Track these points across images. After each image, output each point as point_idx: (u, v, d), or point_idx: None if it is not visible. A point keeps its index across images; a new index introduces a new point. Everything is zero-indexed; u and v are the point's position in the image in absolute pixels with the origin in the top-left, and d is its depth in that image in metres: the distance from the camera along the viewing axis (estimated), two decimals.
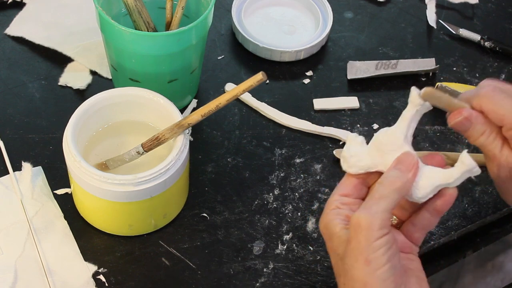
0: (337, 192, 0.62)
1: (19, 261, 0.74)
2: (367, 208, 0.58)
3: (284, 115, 0.88)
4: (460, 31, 0.98)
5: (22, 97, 0.87)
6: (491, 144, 0.62)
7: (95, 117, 0.76)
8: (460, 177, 0.61)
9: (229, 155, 0.84)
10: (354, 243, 0.57)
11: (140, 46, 0.77)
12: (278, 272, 0.76)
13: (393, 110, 0.90)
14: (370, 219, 0.57)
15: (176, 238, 0.77)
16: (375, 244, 0.57)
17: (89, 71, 0.90)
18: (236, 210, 0.80)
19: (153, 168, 0.70)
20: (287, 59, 0.93)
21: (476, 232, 0.83)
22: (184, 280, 0.74)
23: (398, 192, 0.60)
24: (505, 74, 0.95)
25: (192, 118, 0.70)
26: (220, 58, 0.94)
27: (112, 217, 0.75)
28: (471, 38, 0.97)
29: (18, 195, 0.78)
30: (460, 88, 0.89)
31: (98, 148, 0.77)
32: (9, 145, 0.82)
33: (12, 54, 0.91)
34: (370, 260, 0.57)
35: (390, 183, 0.60)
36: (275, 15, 0.98)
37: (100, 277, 0.74)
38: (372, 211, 0.58)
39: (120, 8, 0.84)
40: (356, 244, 0.57)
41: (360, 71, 0.92)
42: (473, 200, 0.83)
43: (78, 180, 0.71)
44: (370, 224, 0.57)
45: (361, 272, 0.57)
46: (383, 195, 0.59)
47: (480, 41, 0.97)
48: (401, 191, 0.60)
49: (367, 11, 1.01)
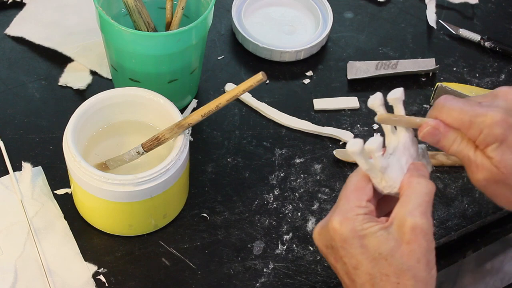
0: (363, 198, 0.63)
1: (19, 261, 0.74)
2: (424, 213, 0.60)
3: (284, 115, 0.88)
4: (460, 31, 0.98)
5: (22, 97, 0.87)
6: (464, 149, 0.63)
7: (95, 117, 0.76)
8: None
9: (229, 155, 0.84)
10: (415, 245, 0.59)
11: (140, 46, 0.77)
12: (278, 272, 0.76)
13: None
14: (428, 225, 0.60)
15: (176, 238, 0.77)
16: (431, 248, 0.60)
17: (89, 71, 0.90)
18: (236, 210, 0.80)
19: (153, 168, 0.70)
20: (287, 59, 0.93)
21: (476, 232, 0.83)
22: (184, 280, 0.74)
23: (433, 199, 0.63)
24: (505, 74, 0.95)
25: (192, 118, 0.70)
26: (220, 58, 0.94)
27: (112, 217, 0.75)
28: (471, 38, 0.97)
29: (18, 195, 0.78)
30: (460, 88, 0.89)
31: (98, 148, 0.77)
32: (9, 145, 0.82)
33: (12, 54, 0.91)
34: (429, 261, 0.60)
35: (433, 187, 0.62)
36: (275, 15, 0.98)
37: (100, 277, 0.74)
38: (428, 216, 0.60)
39: (120, 8, 0.84)
40: (418, 247, 0.59)
41: (360, 71, 0.92)
42: (473, 200, 0.83)
43: (78, 180, 0.71)
44: (429, 229, 0.60)
45: (424, 272, 0.60)
46: (431, 199, 0.62)
47: (480, 41, 0.97)
48: None
49: (367, 11, 1.01)
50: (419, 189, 0.62)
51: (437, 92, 0.89)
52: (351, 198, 0.63)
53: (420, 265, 0.59)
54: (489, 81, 0.94)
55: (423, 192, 0.61)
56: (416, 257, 0.59)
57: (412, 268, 0.59)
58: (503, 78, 0.95)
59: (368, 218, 0.62)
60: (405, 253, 0.60)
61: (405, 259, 0.60)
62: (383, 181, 0.63)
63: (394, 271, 0.60)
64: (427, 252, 0.60)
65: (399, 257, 0.60)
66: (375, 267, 0.61)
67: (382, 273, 0.60)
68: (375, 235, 0.60)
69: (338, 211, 0.63)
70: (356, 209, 0.62)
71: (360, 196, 0.63)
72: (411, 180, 0.62)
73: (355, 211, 0.62)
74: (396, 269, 0.60)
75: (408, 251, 0.59)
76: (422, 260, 0.59)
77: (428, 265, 0.60)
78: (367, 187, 0.64)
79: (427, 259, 0.60)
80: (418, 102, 0.91)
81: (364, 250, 0.61)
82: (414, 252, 0.59)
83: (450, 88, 0.88)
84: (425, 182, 0.62)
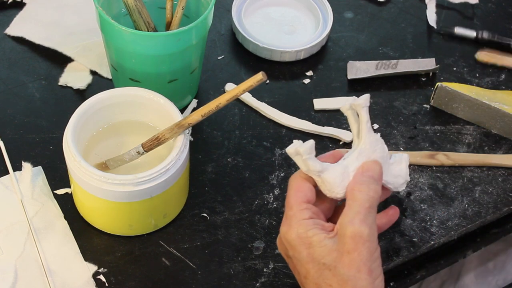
0: (301, 200, 0.63)
1: (19, 261, 0.74)
2: (363, 220, 0.59)
3: (284, 115, 0.88)
4: (455, 29, 0.97)
5: (22, 97, 0.87)
6: None
7: (95, 117, 0.76)
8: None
9: (229, 155, 0.84)
10: (355, 254, 0.59)
11: (140, 46, 0.77)
12: (278, 272, 0.76)
13: (393, 110, 0.90)
14: (369, 231, 0.59)
15: (176, 238, 0.77)
16: (375, 255, 0.59)
17: (89, 71, 0.90)
18: (236, 210, 0.80)
19: (153, 168, 0.70)
20: (287, 59, 0.93)
21: (476, 232, 0.83)
22: (184, 280, 0.74)
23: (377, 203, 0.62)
24: (505, 74, 0.95)
25: (192, 118, 0.70)
26: (220, 58, 0.94)
27: (112, 217, 0.75)
28: (467, 35, 0.97)
29: (18, 195, 0.78)
30: (460, 88, 0.89)
31: (98, 148, 0.77)
32: (9, 145, 0.82)
33: (12, 54, 0.91)
34: (372, 270, 0.59)
35: (375, 193, 0.61)
36: (275, 15, 0.98)
37: (100, 277, 0.74)
38: (369, 223, 0.59)
39: (120, 8, 0.84)
40: (358, 255, 0.58)
41: (360, 71, 0.92)
42: (473, 200, 0.83)
43: (78, 180, 0.71)
44: (370, 236, 0.59)
45: (364, 282, 0.59)
46: (372, 205, 0.61)
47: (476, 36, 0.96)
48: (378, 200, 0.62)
49: (367, 11, 1.01)
50: (360, 196, 0.61)
51: (437, 92, 0.89)
52: (292, 203, 0.63)
53: (361, 275, 0.58)
54: (489, 81, 0.94)
55: (364, 199, 0.61)
56: (356, 266, 0.59)
57: (352, 278, 0.59)
58: (503, 78, 0.95)
59: (313, 224, 0.61)
60: (346, 263, 0.59)
61: (346, 269, 0.59)
62: (323, 184, 0.63)
63: (337, 282, 0.59)
64: (368, 260, 0.59)
65: (341, 267, 0.59)
66: (320, 277, 0.60)
67: (326, 284, 0.60)
68: (320, 244, 0.60)
69: (284, 219, 0.63)
70: (299, 215, 0.61)
71: (300, 199, 0.62)
72: (354, 188, 0.62)
73: (298, 217, 0.61)
74: (339, 279, 0.59)
75: (349, 261, 0.59)
76: (362, 269, 0.58)
77: (371, 274, 0.59)
78: (305, 188, 0.63)
79: (368, 268, 0.59)
80: (418, 102, 0.91)
81: (310, 259, 0.61)
82: (355, 261, 0.59)
83: (450, 88, 0.88)
84: (366, 189, 0.61)
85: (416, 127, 0.89)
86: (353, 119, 0.65)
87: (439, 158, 0.85)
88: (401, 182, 0.68)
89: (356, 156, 0.64)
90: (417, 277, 0.80)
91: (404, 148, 0.87)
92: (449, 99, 0.89)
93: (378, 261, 0.60)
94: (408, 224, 0.80)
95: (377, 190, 0.62)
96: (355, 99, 0.65)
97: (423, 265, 0.81)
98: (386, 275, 0.79)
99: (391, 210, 0.69)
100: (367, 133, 0.65)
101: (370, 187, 0.62)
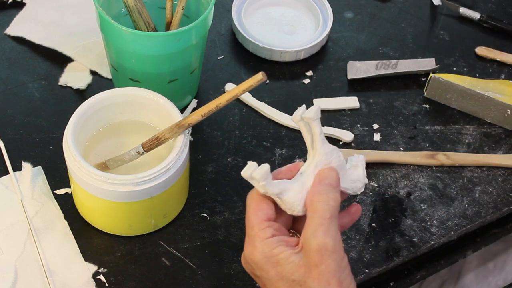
0: (261, 218, 0.62)
1: (19, 261, 0.74)
2: (327, 232, 0.59)
3: (284, 115, 0.88)
4: (460, 9, 0.98)
5: (22, 97, 0.87)
6: None
7: (95, 117, 0.76)
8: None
9: (229, 155, 0.84)
10: (323, 267, 0.58)
11: (140, 46, 0.77)
12: None
13: (393, 110, 0.90)
14: (334, 242, 0.58)
15: (176, 238, 0.77)
16: (343, 265, 0.59)
17: (89, 71, 0.90)
18: (236, 210, 0.80)
19: (153, 168, 0.70)
20: (287, 59, 0.93)
21: (476, 232, 0.83)
22: (184, 280, 0.74)
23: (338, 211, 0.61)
24: (505, 75, 0.95)
25: (192, 118, 0.70)
26: (220, 58, 0.94)
27: (112, 217, 0.75)
28: (471, 17, 0.98)
29: (18, 195, 0.78)
30: (453, 78, 0.89)
31: (98, 148, 0.77)
32: (9, 145, 0.82)
33: (12, 54, 0.91)
34: (342, 281, 0.58)
35: (335, 202, 0.61)
36: (275, 15, 0.98)
37: (100, 277, 0.74)
38: (333, 233, 0.59)
39: (120, 8, 0.84)
40: (326, 268, 0.58)
41: (360, 71, 0.92)
42: (473, 200, 0.83)
43: (78, 180, 0.71)
44: (335, 247, 0.58)
45: None
46: (334, 215, 0.60)
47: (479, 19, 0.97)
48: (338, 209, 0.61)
49: (367, 11, 1.01)
50: (320, 207, 0.60)
51: (430, 83, 0.89)
52: (253, 222, 0.61)
53: (332, 287, 0.58)
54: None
55: (324, 210, 0.60)
56: (325, 279, 0.58)
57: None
58: (503, 78, 0.95)
59: (277, 242, 0.60)
60: (316, 277, 0.58)
61: (316, 283, 0.58)
62: (282, 204, 0.62)
63: None
64: (337, 272, 0.58)
65: (311, 282, 0.58)
66: None
67: None
68: (287, 261, 0.59)
69: (247, 239, 0.62)
70: (262, 234, 0.60)
71: (260, 217, 0.61)
72: (313, 199, 0.61)
73: (261, 236, 0.60)
74: None
75: (317, 275, 0.58)
76: (332, 282, 0.58)
77: (341, 285, 0.58)
78: (264, 206, 0.62)
79: (337, 279, 0.58)
80: (418, 102, 0.91)
81: (279, 277, 0.60)
82: (323, 274, 0.58)
83: (443, 79, 0.88)
84: (325, 199, 0.60)
85: (416, 127, 0.89)
86: (306, 130, 0.63)
87: (439, 158, 0.85)
88: (360, 186, 0.66)
89: (313, 170, 0.63)
90: (417, 277, 0.80)
91: (404, 148, 0.87)
92: (442, 90, 0.89)
93: (347, 270, 0.59)
94: (408, 224, 0.80)
95: (336, 198, 0.61)
96: (304, 111, 0.62)
97: (423, 265, 0.81)
98: (386, 275, 0.79)
99: (353, 208, 0.67)
100: (322, 145, 0.63)
101: (329, 196, 0.61)
